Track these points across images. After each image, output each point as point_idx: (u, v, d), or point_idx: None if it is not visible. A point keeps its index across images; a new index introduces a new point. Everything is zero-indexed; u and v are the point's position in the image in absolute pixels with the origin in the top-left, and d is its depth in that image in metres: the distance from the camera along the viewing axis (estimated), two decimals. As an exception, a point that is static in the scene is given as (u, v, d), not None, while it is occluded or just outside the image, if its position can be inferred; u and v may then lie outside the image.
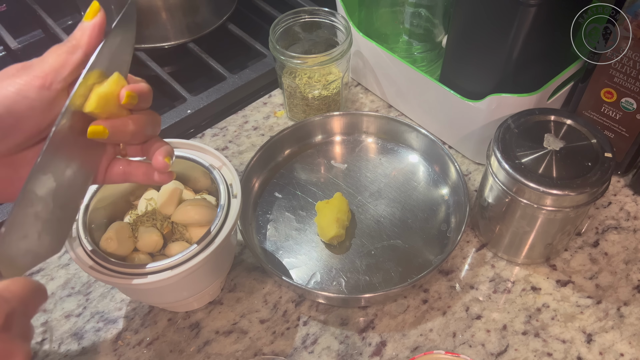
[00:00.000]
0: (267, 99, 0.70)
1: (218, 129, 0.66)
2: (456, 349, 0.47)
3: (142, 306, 0.51)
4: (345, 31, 0.61)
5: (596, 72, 0.53)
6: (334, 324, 0.49)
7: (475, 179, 0.60)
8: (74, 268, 0.53)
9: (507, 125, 0.48)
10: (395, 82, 0.64)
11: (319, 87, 0.61)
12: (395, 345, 0.48)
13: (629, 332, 0.48)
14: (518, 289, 0.51)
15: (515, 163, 0.45)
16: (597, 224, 0.56)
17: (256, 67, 0.70)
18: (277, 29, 0.61)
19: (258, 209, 0.57)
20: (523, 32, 0.49)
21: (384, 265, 0.52)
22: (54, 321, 0.50)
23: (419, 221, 0.55)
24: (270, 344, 0.48)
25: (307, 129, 0.62)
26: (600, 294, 0.51)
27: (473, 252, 0.54)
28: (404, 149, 0.62)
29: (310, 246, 0.54)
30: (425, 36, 0.66)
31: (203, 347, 0.48)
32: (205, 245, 0.41)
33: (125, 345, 0.48)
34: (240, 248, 0.55)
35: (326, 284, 0.51)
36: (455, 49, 0.57)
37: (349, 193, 0.58)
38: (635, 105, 0.52)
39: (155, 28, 0.73)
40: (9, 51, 0.76)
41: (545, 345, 0.47)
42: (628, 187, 0.59)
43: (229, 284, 0.52)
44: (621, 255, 0.53)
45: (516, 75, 0.53)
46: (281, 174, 0.60)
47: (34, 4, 0.79)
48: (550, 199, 0.44)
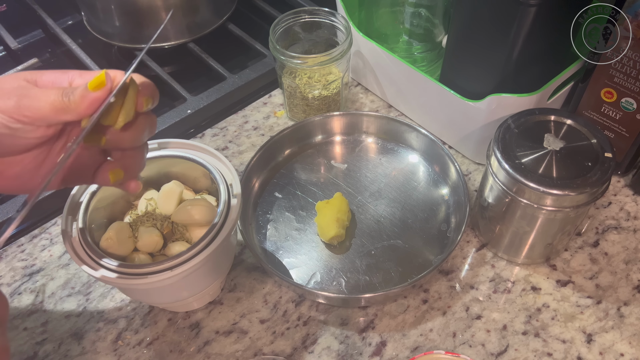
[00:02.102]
0: (267, 99, 0.70)
1: (218, 129, 0.66)
2: (456, 349, 0.47)
3: (142, 306, 0.51)
4: (345, 31, 0.61)
5: (596, 72, 0.53)
6: (334, 324, 0.49)
7: (475, 179, 0.60)
8: (74, 268, 0.53)
9: (507, 125, 0.48)
10: (395, 82, 0.64)
11: (319, 87, 0.61)
12: (395, 345, 0.48)
13: (629, 332, 0.48)
14: (518, 289, 0.51)
15: (515, 163, 0.45)
16: (597, 224, 0.56)
17: (256, 67, 0.70)
18: (277, 29, 0.61)
19: (258, 209, 0.57)
20: (523, 32, 0.49)
21: (384, 265, 0.52)
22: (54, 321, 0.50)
23: (419, 221, 0.55)
24: (270, 344, 0.48)
25: (307, 129, 0.62)
26: (601, 294, 0.51)
27: (473, 252, 0.54)
28: (404, 149, 0.62)
29: (310, 246, 0.54)
30: (425, 36, 0.66)
31: (203, 347, 0.48)
32: (205, 245, 0.41)
33: (125, 345, 0.48)
34: (240, 248, 0.55)
35: (326, 284, 0.51)
36: (455, 49, 0.57)
37: (349, 193, 0.58)
38: (635, 105, 0.52)
39: (155, 28, 0.73)
40: (9, 51, 0.76)
41: (546, 345, 0.47)
42: (628, 187, 0.59)
43: (229, 284, 0.52)
44: (621, 255, 0.53)
45: (516, 75, 0.53)
46: (281, 174, 0.60)
47: (34, 4, 0.79)
48: (550, 199, 0.44)
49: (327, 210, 0.53)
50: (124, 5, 0.71)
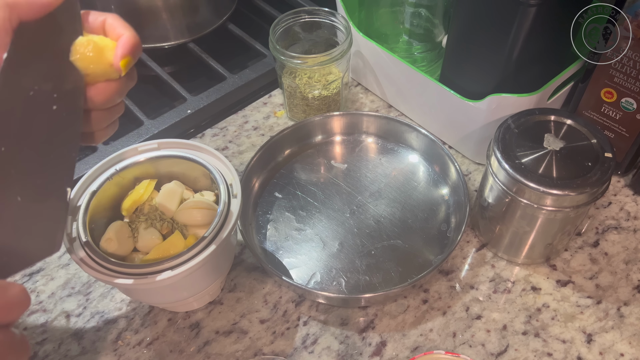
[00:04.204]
0: (267, 99, 0.70)
1: (218, 129, 0.66)
2: (456, 349, 0.47)
3: (142, 306, 0.51)
4: (345, 31, 0.61)
5: (596, 72, 0.53)
6: (334, 324, 0.49)
7: (475, 179, 0.60)
8: (74, 268, 0.53)
9: (507, 125, 0.48)
10: (395, 82, 0.64)
11: (319, 87, 0.61)
12: (395, 345, 0.48)
13: (629, 332, 0.48)
14: (518, 289, 0.51)
15: (515, 163, 0.45)
16: (597, 224, 0.56)
17: (256, 67, 0.70)
18: (277, 29, 0.61)
19: (258, 209, 0.57)
20: (523, 32, 0.49)
21: (384, 265, 0.52)
22: (54, 321, 0.50)
23: (419, 221, 0.55)
24: (270, 344, 0.48)
25: (307, 129, 0.62)
26: (601, 294, 0.51)
27: (473, 252, 0.54)
28: (404, 149, 0.62)
29: (310, 246, 0.54)
30: (425, 36, 0.66)
31: (203, 347, 0.48)
32: (205, 245, 0.41)
33: (125, 345, 0.48)
34: (240, 248, 0.55)
35: (326, 284, 0.51)
36: (455, 49, 0.57)
37: (349, 193, 0.58)
38: (635, 105, 0.52)
39: (155, 28, 0.73)
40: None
41: (546, 345, 0.47)
42: (628, 187, 0.59)
43: (229, 284, 0.52)
44: (621, 255, 0.53)
45: (516, 75, 0.53)
46: (281, 174, 0.60)
47: (34, 4, 0.79)
48: (550, 199, 0.44)
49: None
50: (123, 5, 0.71)
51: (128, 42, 0.34)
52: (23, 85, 0.31)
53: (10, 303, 0.27)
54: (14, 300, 0.27)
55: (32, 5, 0.31)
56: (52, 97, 0.32)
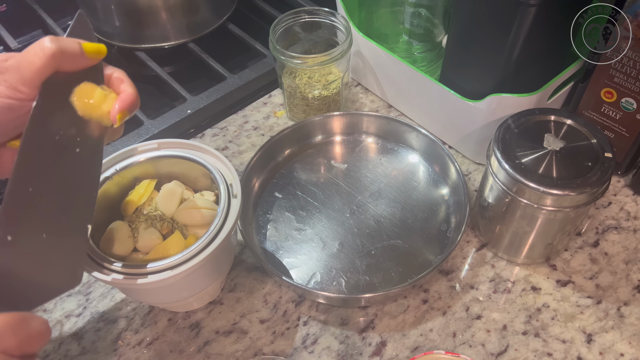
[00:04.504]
0: (267, 99, 0.70)
1: (218, 129, 0.66)
2: (456, 349, 0.47)
3: (142, 306, 0.51)
4: (345, 31, 0.61)
5: (596, 72, 0.53)
6: (334, 324, 0.49)
7: (475, 179, 0.60)
8: (74, 268, 0.53)
9: (507, 125, 0.48)
10: (395, 82, 0.64)
11: (319, 87, 0.61)
12: (395, 345, 0.48)
13: (629, 332, 0.48)
14: (518, 289, 0.51)
15: (515, 163, 0.45)
16: (597, 224, 0.56)
17: (256, 67, 0.70)
18: (277, 29, 0.61)
19: (258, 209, 0.57)
20: (523, 32, 0.49)
21: (384, 265, 0.52)
22: (54, 321, 0.50)
23: (419, 221, 0.55)
24: (270, 344, 0.48)
25: (307, 129, 0.62)
26: (600, 294, 0.51)
27: (473, 252, 0.54)
28: (404, 149, 0.62)
29: (310, 246, 0.54)
30: (425, 36, 0.66)
31: (203, 347, 0.48)
32: (205, 245, 0.41)
33: (125, 345, 0.48)
34: (240, 248, 0.55)
35: (326, 284, 0.51)
36: (455, 49, 0.57)
37: (349, 193, 0.58)
38: (635, 105, 0.52)
39: (155, 28, 0.73)
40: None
41: (546, 345, 0.47)
42: (628, 187, 0.59)
43: (229, 284, 0.52)
44: (621, 255, 0.53)
45: (516, 75, 0.53)
46: (281, 174, 0.60)
47: (34, 4, 0.79)
48: (550, 199, 0.44)
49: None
50: (123, 5, 0.71)
51: (128, 99, 0.36)
52: (50, 131, 0.33)
53: (33, 335, 0.27)
54: (36, 333, 0.28)
55: (74, 59, 0.34)
56: (75, 140, 0.34)
